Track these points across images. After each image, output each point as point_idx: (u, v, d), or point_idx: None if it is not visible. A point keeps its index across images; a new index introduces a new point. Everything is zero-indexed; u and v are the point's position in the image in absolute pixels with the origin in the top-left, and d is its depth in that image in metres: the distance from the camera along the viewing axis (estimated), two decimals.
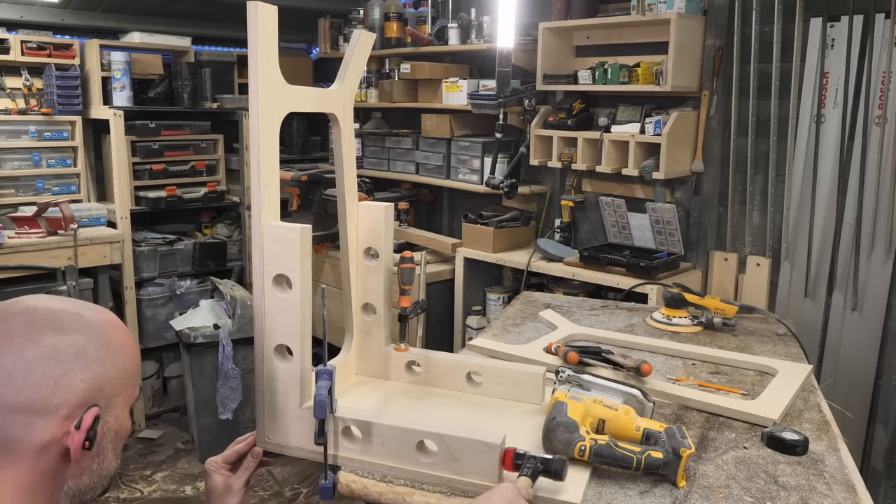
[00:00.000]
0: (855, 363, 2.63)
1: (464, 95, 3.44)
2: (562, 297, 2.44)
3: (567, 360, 1.59)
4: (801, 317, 2.70)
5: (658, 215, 2.93)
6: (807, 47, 2.63)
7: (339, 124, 1.38)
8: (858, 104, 2.54)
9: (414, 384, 1.49)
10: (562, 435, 1.17)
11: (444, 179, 3.65)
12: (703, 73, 2.85)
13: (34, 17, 3.63)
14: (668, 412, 1.45)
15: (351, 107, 1.41)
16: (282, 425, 1.22)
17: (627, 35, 3.02)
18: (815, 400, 1.52)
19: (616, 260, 2.80)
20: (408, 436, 1.15)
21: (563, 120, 3.10)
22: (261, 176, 1.15)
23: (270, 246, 1.16)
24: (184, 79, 3.85)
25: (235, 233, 4.15)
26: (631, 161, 2.87)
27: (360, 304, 1.48)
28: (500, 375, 1.44)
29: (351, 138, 1.42)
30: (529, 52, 3.24)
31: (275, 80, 1.18)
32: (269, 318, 1.19)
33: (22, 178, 3.61)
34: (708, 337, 1.93)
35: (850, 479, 1.19)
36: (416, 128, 3.83)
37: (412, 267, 1.45)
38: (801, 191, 2.70)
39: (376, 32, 3.86)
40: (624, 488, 1.14)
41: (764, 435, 1.32)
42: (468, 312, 3.41)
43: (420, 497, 1.12)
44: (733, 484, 1.17)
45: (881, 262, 2.54)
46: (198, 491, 3.00)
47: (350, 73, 1.39)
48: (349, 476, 1.17)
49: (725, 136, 2.87)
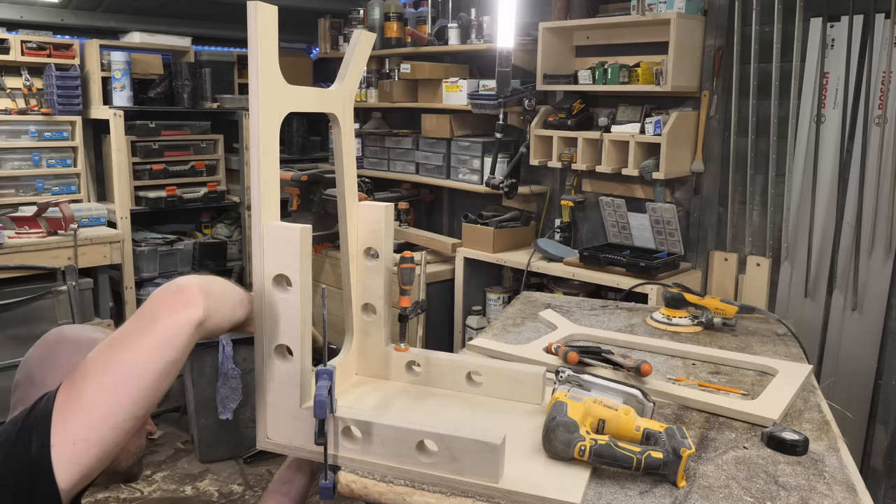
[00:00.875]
0: (855, 363, 2.63)
1: (464, 95, 3.45)
2: (562, 297, 2.44)
3: (567, 360, 1.59)
4: (801, 317, 2.71)
5: (658, 215, 2.93)
6: (807, 47, 2.63)
7: (339, 124, 1.37)
8: (858, 104, 2.54)
9: (414, 384, 1.49)
10: (562, 435, 1.17)
11: (444, 179, 3.66)
12: (703, 73, 2.85)
13: (34, 17, 3.64)
14: (668, 412, 1.44)
15: (351, 107, 1.41)
16: (282, 425, 1.22)
17: (627, 35, 3.02)
18: (815, 400, 1.52)
19: (616, 260, 2.80)
20: (408, 436, 1.15)
21: (563, 120, 3.10)
22: (261, 175, 1.15)
23: (270, 246, 1.16)
24: (184, 79, 3.86)
25: (235, 233, 4.16)
26: (631, 161, 2.87)
27: (360, 304, 1.48)
28: (500, 375, 1.44)
29: (351, 138, 1.42)
30: (529, 52, 3.24)
31: (275, 80, 1.18)
32: (269, 318, 1.19)
33: (22, 178, 3.61)
34: (708, 337, 1.93)
35: (850, 479, 1.19)
36: (416, 128, 3.83)
37: (412, 267, 1.45)
38: (801, 191, 2.70)
39: (376, 32, 3.87)
40: (624, 488, 1.14)
41: (764, 435, 1.32)
42: (468, 312, 3.41)
43: (420, 497, 1.12)
44: (733, 484, 1.17)
45: (881, 262, 2.54)
46: (198, 491, 3.00)
47: (350, 72, 1.38)
48: (349, 476, 1.17)
49: (725, 136, 2.87)
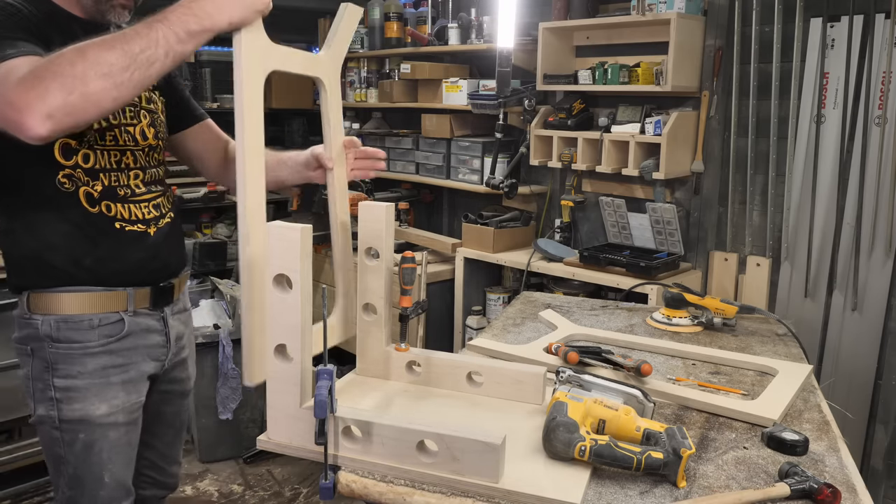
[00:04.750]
0: (855, 363, 2.63)
1: (464, 95, 3.44)
2: (562, 297, 2.44)
3: (567, 360, 1.59)
4: (801, 317, 2.70)
5: (658, 215, 2.93)
6: (807, 47, 2.63)
7: (325, 88, 1.40)
8: (858, 104, 2.54)
9: (414, 384, 1.49)
10: (562, 435, 1.17)
11: (444, 179, 3.65)
12: (703, 73, 2.85)
13: None
14: (668, 412, 1.45)
15: (338, 74, 1.45)
16: (282, 425, 1.23)
17: (627, 35, 3.02)
18: (815, 400, 1.52)
19: (616, 260, 2.80)
20: (408, 436, 1.15)
21: (563, 120, 3.10)
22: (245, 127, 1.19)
23: (271, 246, 1.16)
24: (184, 78, 3.86)
25: (235, 233, 4.16)
26: (631, 161, 2.87)
27: (360, 304, 1.48)
28: (501, 375, 1.44)
29: (338, 104, 1.46)
30: (529, 52, 3.24)
31: (259, 37, 1.21)
32: (270, 318, 1.19)
33: None
34: (708, 337, 1.93)
35: (850, 479, 1.19)
36: (416, 128, 3.83)
37: (413, 267, 1.45)
38: (801, 191, 2.70)
39: (376, 32, 3.87)
40: (624, 488, 1.14)
41: (764, 435, 1.32)
42: (468, 312, 3.41)
43: (420, 497, 1.12)
44: (733, 484, 1.17)
45: (881, 262, 2.54)
46: (198, 491, 3.00)
47: (337, 41, 1.43)
48: (349, 476, 1.17)
49: (725, 136, 2.87)
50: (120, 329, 1.47)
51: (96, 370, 1.44)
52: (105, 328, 1.45)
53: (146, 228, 1.49)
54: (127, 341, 1.48)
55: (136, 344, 1.50)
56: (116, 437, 1.47)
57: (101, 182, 1.42)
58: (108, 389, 1.45)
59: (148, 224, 1.50)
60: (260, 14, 1.21)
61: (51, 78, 1.09)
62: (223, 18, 1.17)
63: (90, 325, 1.43)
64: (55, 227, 1.40)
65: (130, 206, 1.46)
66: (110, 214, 1.43)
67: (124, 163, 1.45)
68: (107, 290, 1.45)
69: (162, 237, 1.53)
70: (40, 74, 1.10)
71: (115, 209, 1.44)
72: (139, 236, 1.48)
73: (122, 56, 1.13)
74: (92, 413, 1.44)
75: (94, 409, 1.44)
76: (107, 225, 1.43)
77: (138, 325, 1.50)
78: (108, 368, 1.45)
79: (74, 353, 1.42)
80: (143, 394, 1.53)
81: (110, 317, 1.45)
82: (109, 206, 1.43)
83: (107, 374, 1.45)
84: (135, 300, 1.48)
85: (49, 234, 1.39)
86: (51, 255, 1.40)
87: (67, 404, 1.43)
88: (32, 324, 1.42)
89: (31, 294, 1.42)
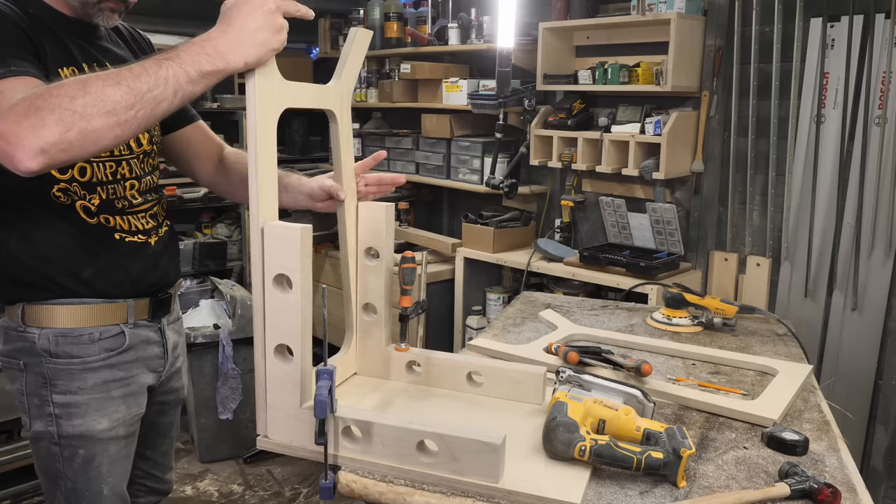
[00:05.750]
0: (855, 363, 2.63)
1: (464, 95, 3.44)
2: (562, 297, 2.44)
3: (567, 360, 1.59)
4: (801, 317, 2.71)
5: (658, 215, 2.93)
6: (807, 47, 2.63)
7: (336, 121, 1.37)
8: (858, 104, 2.54)
9: (414, 384, 1.49)
10: (562, 435, 1.17)
11: (444, 179, 3.66)
12: (703, 73, 2.85)
13: None
14: (668, 412, 1.45)
15: (349, 103, 1.41)
16: (282, 425, 1.22)
17: (627, 35, 3.02)
18: (816, 400, 1.52)
19: (616, 260, 2.80)
20: (408, 436, 1.15)
21: (563, 120, 3.10)
22: (258, 171, 1.15)
23: (271, 246, 1.16)
24: None
25: (235, 233, 4.15)
26: (631, 161, 2.87)
27: (360, 304, 1.48)
28: (501, 375, 1.44)
29: (349, 135, 1.42)
30: (529, 52, 3.24)
31: (272, 75, 1.18)
32: (270, 318, 1.19)
33: None
34: (708, 337, 1.93)
35: (850, 479, 1.19)
36: (416, 128, 3.83)
37: (413, 267, 1.45)
38: (801, 191, 2.70)
39: (376, 32, 3.87)
40: (624, 488, 1.14)
41: (764, 435, 1.32)
42: (468, 312, 3.41)
43: (420, 497, 1.12)
44: (733, 484, 1.17)
45: (881, 262, 2.54)
46: (198, 491, 3.00)
47: (347, 69, 1.38)
48: (349, 476, 1.17)
49: (725, 136, 2.87)
50: (121, 342, 1.44)
51: (97, 385, 1.41)
52: (106, 342, 1.42)
53: (147, 238, 1.47)
54: (128, 354, 1.45)
55: (136, 356, 1.47)
56: (116, 451, 1.45)
57: (99, 195, 1.38)
58: (110, 404, 1.42)
59: (148, 234, 1.47)
60: (275, 52, 1.16)
61: (48, 110, 1.03)
62: (238, 59, 1.12)
63: (90, 338, 1.40)
64: (52, 239, 1.36)
65: (129, 217, 1.44)
66: (109, 226, 1.41)
67: (120, 173, 1.41)
68: (106, 302, 1.42)
69: (162, 246, 1.51)
70: (37, 104, 1.04)
71: (114, 221, 1.41)
72: (140, 247, 1.45)
73: (127, 93, 1.07)
74: (93, 428, 1.40)
75: (94, 423, 1.40)
76: (106, 236, 1.40)
77: (138, 336, 1.47)
78: (109, 382, 1.42)
79: (74, 368, 1.38)
80: (143, 406, 1.50)
81: (111, 329, 1.42)
82: (108, 219, 1.40)
83: (108, 389, 1.42)
84: (135, 312, 1.45)
85: (45, 246, 1.35)
86: (48, 267, 1.36)
87: (67, 420, 1.39)
88: (27, 337, 1.38)
89: (26, 306, 1.38)
